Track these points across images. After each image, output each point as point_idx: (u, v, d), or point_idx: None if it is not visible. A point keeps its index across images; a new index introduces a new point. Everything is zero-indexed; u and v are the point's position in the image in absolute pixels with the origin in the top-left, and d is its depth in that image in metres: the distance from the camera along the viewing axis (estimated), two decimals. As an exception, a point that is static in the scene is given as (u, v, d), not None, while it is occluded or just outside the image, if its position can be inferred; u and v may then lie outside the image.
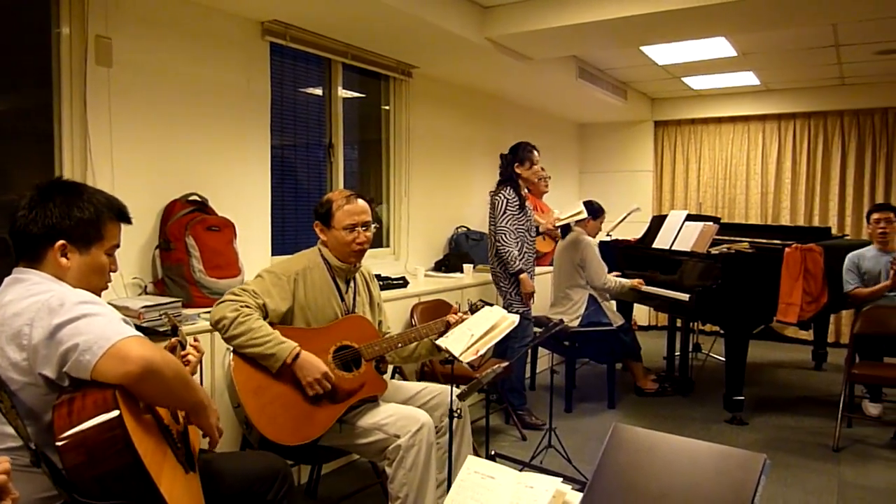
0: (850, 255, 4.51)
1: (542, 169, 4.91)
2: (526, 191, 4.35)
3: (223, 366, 2.40)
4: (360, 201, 2.61)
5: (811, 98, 6.63)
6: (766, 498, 3.24)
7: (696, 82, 6.40)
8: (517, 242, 4.10)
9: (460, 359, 2.40)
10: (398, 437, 2.39)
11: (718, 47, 5.04)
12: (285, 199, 4.08)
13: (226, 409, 2.36)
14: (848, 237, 6.19)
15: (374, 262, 4.42)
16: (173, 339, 1.94)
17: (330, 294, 2.59)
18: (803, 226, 6.61)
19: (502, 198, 4.11)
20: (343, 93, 4.39)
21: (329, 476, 3.38)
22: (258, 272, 2.53)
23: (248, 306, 2.34)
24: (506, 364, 2.69)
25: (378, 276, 3.94)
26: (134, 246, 3.09)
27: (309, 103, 4.23)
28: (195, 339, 1.99)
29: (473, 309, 2.65)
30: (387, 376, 2.82)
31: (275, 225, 3.87)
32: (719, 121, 7.19)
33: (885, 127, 6.45)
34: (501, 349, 4.09)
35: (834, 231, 6.26)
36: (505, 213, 4.08)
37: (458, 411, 2.53)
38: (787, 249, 4.26)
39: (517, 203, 4.14)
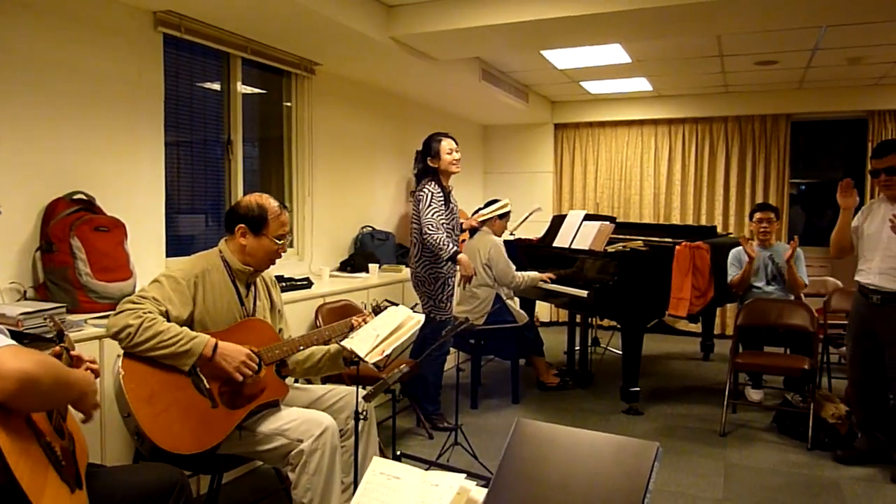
0: (733, 251, 4.82)
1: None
2: (451, 187, 4.24)
3: (112, 373, 2.26)
4: (286, 212, 2.62)
5: (698, 104, 7.03)
6: (659, 483, 3.40)
7: (594, 87, 6.64)
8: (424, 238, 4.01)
9: (366, 360, 2.38)
10: (301, 441, 2.34)
11: (614, 54, 5.25)
12: (181, 197, 3.91)
13: (115, 419, 2.23)
14: (731, 235, 6.61)
15: (279, 264, 4.29)
16: (58, 347, 1.82)
17: (230, 298, 2.50)
18: (692, 225, 6.99)
19: (427, 192, 3.99)
20: (242, 88, 4.25)
21: (230, 485, 3.27)
22: (155, 277, 2.40)
23: (150, 312, 2.23)
24: (412, 363, 2.69)
25: (281, 278, 3.85)
26: (11, 248, 2.87)
27: (206, 98, 4.08)
28: (92, 362, 1.87)
29: (377, 309, 2.63)
30: (290, 379, 2.76)
31: (170, 225, 3.70)
32: (615, 124, 7.49)
33: (764, 132, 6.93)
34: (419, 351, 4.10)
35: (719, 229, 6.66)
36: (430, 205, 3.96)
37: (364, 413, 2.51)
38: (677, 247, 4.50)
39: (442, 197, 4.04)
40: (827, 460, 3.76)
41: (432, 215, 3.93)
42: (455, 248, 3.93)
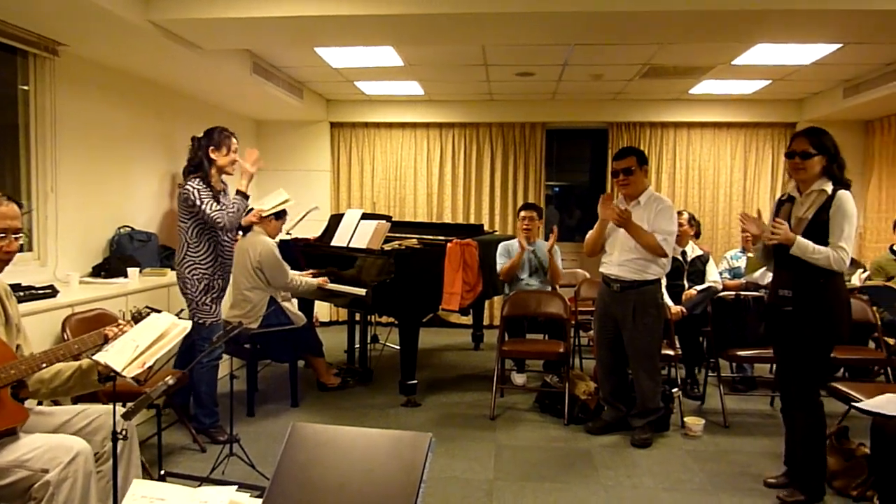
0: (502, 244, 5.21)
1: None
2: (222, 184, 3.97)
3: None
4: (14, 205, 2.29)
5: (466, 110, 7.46)
6: (435, 470, 3.55)
7: (369, 88, 6.73)
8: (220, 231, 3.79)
9: (123, 374, 2.16)
10: (46, 471, 2.06)
11: (387, 56, 5.35)
12: None
13: None
14: (497, 232, 7.11)
15: (14, 270, 3.70)
16: None
17: (-50, 312, 2.13)
18: (462, 223, 7.40)
19: (192, 188, 3.70)
20: (-38, 66, 3.64)
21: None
22: None
23: None
24: (178, 374, 2.50)
25: (17, 286, 3.37)
26: None
27: (-88, 76, 3.42)
28: None
29: (138, 317, 2.40)
30: (32, 402, 2.42)
31: None
32: (390, 126, 7.67)
33: (524, 138, 7.55)
34: (182, 354, 3.81)
35: (486, 227, 7.13)
36: (202, 198, 3.69)
37: (124, 432, 2.27)
38: (448, 245, 4.73)
39: (210, 194, 3.77)
40: (580, 432, 4.20)
41: (208, 206, 3.71)
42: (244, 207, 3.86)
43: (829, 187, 3.06)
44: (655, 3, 3.66)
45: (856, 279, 5.36)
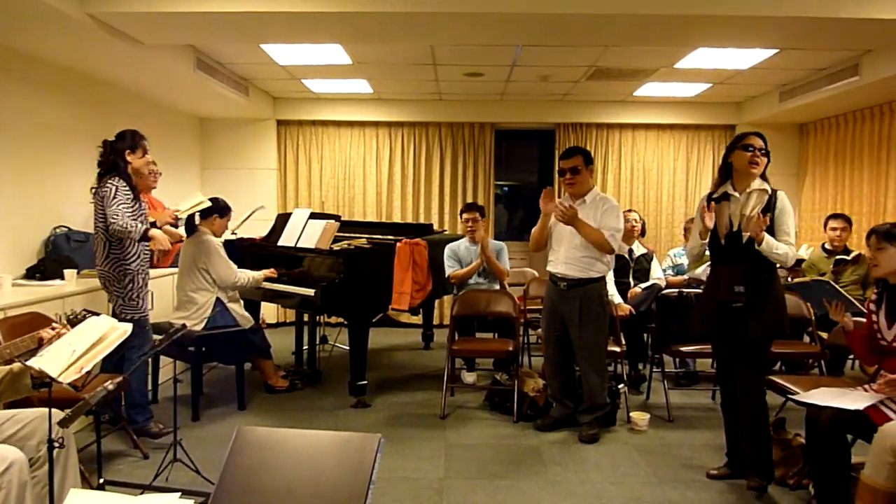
0: (448, 246, 5.22)
1: (154, 163, 4.57)
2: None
3: None
4: None
5: (415, 109, 7.45)
6: (385, 470, 3.53)
7: (316, 85, 6.65)
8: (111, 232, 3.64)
9: (59, 380, 2.08)
10: (-23, 482, 1.97)
11: (335, 54, 5.30)
12: None
13: None
14: (446, 232, 7.13)
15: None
16: None
17: None
18: (411, 223, 7.39)
19: (112, 186, 3.62)
20: None
21: None
22: None
23: None
24: (119, 379, 2.42)
25: (-56, 289, 3.20)
26: None
27: None
28: None
29: (74, 320, 2.31)
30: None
31: None
32: (339, 124, 7.59)
33: (473, 138, 7.59)
34: (116, 362, 3.70)
35: (435, 227, 7.14)
36: (116, 197, 3.60)
37: (60, 440, 2.19)
38: (398, 244, 4.72)
39: (130, 194, 3.69)
40: (529, 429, 4.24)
41: (117, 206, 3.61)
42: (144, 226, 3.66)
43: (768, 187, 3.19)
44: (600, 6, 3.74)
45: (803, 251, 5.59)
